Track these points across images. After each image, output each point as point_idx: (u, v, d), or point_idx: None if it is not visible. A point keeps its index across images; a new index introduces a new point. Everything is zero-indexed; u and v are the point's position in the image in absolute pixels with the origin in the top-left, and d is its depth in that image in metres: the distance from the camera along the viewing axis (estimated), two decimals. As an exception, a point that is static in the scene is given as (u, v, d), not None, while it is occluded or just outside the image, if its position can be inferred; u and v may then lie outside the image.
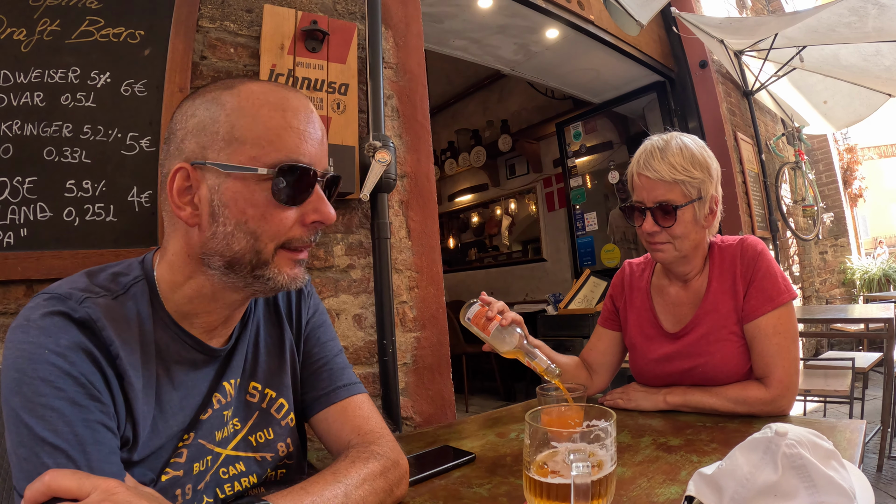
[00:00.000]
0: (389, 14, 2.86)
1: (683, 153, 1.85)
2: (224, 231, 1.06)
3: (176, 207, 1.07)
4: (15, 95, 1.83)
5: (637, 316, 2.10)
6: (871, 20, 4.64)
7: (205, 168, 1.05)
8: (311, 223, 1.11)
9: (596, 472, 0.95)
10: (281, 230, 1.07)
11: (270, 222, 1.06)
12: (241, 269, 1.07)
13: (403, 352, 2.59)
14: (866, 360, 4.49)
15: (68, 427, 0.90)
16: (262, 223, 1.06)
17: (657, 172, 1.84)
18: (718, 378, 1.84)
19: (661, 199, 1.84)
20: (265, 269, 1.08)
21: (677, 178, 1.82)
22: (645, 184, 1.88)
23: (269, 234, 1.07)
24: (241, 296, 1.15)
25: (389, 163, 2.38)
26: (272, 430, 1.29)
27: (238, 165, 1.04)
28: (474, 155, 9.89)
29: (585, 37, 5.09)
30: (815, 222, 7.92)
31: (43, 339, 0.94)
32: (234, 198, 1.05)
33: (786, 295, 1.80)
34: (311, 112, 1.14)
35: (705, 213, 1.89)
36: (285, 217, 1.07)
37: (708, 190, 1.87)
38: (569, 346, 5.64)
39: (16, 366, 0.92)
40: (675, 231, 1.85)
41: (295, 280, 1.12)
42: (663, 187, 1.84)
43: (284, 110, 1.09)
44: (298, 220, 1.09)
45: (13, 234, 1.78)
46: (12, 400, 0.91)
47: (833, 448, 0.98)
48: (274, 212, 1.06)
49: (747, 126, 6.64)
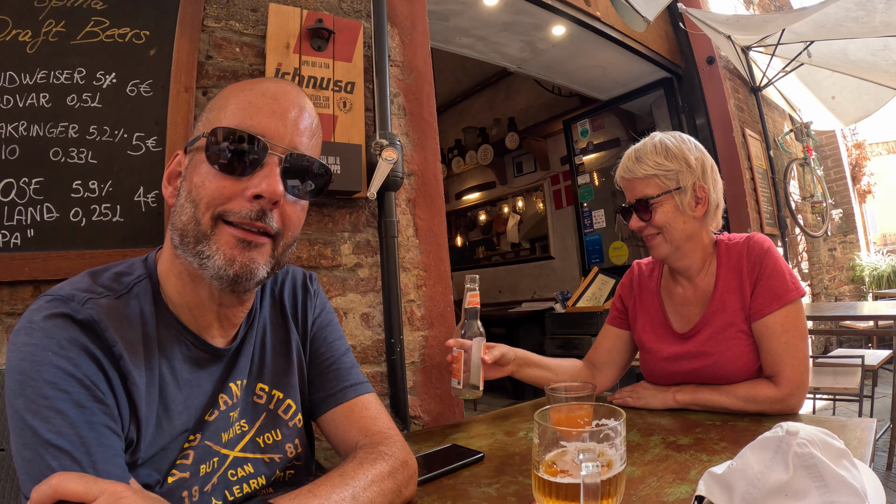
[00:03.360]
0: (395, 12, 2.86)
1: (657, 149, 1.95)
2: (180, 202, 1.09)
3: (164, 188, 1.14)
4: (21, 97, 1.83)
5: (647, 316, 2.10)
6: (878, 15, 4.62)
7: (188, 150, 1.11)
8: (253, 197, 1.05)
9: (605, 472, 0.95)
10: (216, 198, 1.05)
11: (207, 189, 1.05)
12: (188, 243, 1.06)
13: (411, 350, 2.59)
14: (876, 358, 4.47)
15: (73, 429, 0.90)
16: (200, 190, 1.06)
17: (631, 172, 1.97)
18: (728, 377, 1.84)
19: (639, 195, 1.94)
20: (205, 245, 1.05)
21: (649, 172, 1.92)
22: (626, 185, 2.01)
23: (205, 202, 1.05)
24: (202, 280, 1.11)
25: (396, 161, 2.37)
26: (280, 432, 1.29)
27: (195, 137, 1.08)
28: (481, 153, 9.89)
29: (592, 33, 5.08)
30: (823, 219, 7.88)
31: (46, 341, 0.94)
32: (191, 170, 1.08)
33: (794, 292, 1.79)
34: (285, 94, 1.14)
35: (689, 201, 1.92)
36: (223, 185, 1.05)
37: (687, 179, 1.92)
38: (577, 344, 5.64)
39: (19, 368, 0.92)
40: (657, 221, 1.92)
41: (232, 263, 1.05)
42: (640, 184, 1.95)
43: (254, 89, 1.11)
44: (241, 192, 1.06)
45: (20, 234, 1.78)
46: (16, 402, 0.91)
47: (844, 447, 0.97)
48: (213, 179, 1.06)
49: (755, 122, 6.61)
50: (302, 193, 1.15)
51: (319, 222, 2.39)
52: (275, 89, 1.13)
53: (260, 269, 1.09)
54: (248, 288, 1.11)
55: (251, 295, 1.25)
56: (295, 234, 1.18)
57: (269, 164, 1.07)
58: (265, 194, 1.05)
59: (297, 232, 1.18)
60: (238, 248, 1.06)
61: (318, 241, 2.37)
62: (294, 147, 1.11)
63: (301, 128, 1.14)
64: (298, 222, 1.17)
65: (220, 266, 1.05)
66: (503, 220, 10.01)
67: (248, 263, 1.07)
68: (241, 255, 1.06)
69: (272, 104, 1.11)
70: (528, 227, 9.48)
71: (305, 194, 1.16)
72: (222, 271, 1.05)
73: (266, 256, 1.11)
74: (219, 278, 1.06)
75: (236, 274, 1.06)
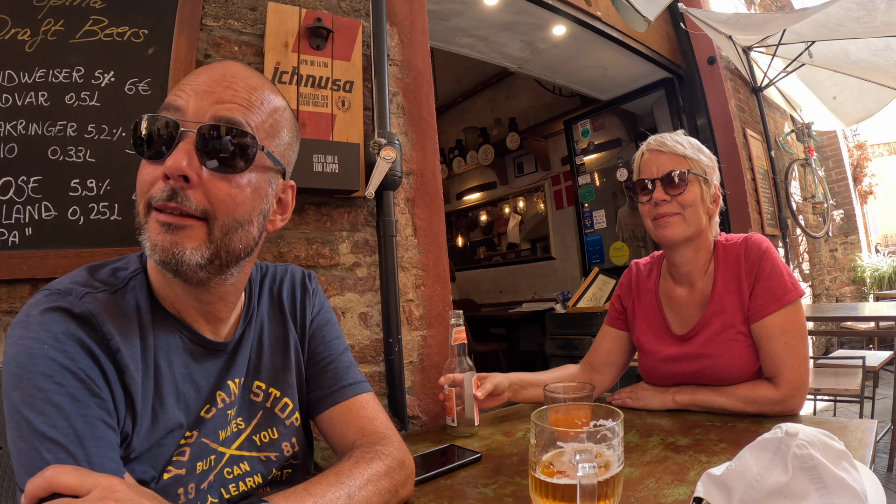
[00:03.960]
0: (394, 11, 2.86)
1: (692, 141, 1.96)
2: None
3: None
4: (19, 95, 1.83)
5: (645, 316, 2.09)
6: (879, 15, 4.62)
7: None
8: (164, 175, 0.99)
9: (602, 473, 0.95)
10: (143, 186, 1.02)
11: (139, 178, 1.03)
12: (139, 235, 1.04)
13: (410, 350, 2.59)
14: (877, 359, 4.46)
15: (68, 422, 0.90)
16: (137, 181, 1.04)
17: (669, 147, 1.93)
18: (728, 378, 1.83)
19: (671, 167, 1.89)
20: (143, 235, 1.02)
21: (688, 153, 1.91)
22: (655, 158, 1.95)
23: (139, 192, 1.03)
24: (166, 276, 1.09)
25: (395, 160, 2.37)
26: (277, 430, 1.28)
27: None
28: (482, 153, 9.90)
29: (593, 33, 5.07)
30: (824, 219, 7.87)
31: (43, 334, 0.94)
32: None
33: (793, 293, 1.79)
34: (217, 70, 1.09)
35: (710, 198, 1.93)
36: (146, 172, 1.02)
37: (712, 178, 1.93)
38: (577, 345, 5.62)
39: (16, 361, 0.92)
40: (686, 198, 1.88)
41: (155, 248, 1.00)
42: (673, 160, 1.91)
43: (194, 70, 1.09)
44: (160, 175, 1.00)
45: (18, 233, 1.78)
46: (12, 395, 0.91)
47: (844, 449, 0.96)
48: (142, 168, 1.04)
49: (756, 122, 6.61)
50: (224, 167, 1.04)
51: (317, 221, 2.39)
52: (211, 69, 1.09)
53: (189, 254, 1.01)
54: (190, 275, 1.04)
55: (226, 287, 1.17)
56: (234, 214, 1.07)
57: (180, 141, 1.01)
58: (167, 171, 0.98)
59: (237, 212, 1.07)
60: (161, 232, 1.00)
61: (317, 240, 2.37)
62: (214, 118, 1.04)
63: (225, 97, 1.06)
64: (232, 200, 1.05)
65: (150, 253, 1.01)
66: (504, 220, 10.02)
67: (171, 248, 0.99)
68: (163, 238, 0.99)
69: (196, 81, 1.07)
70: (529, 228, 9.49)
71: (230, 168, 1.04)
72: (154, 257, 1.01)
73: (197, 240, 1.02)
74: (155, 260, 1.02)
75: (161, 259, 1.00)
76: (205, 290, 1.13)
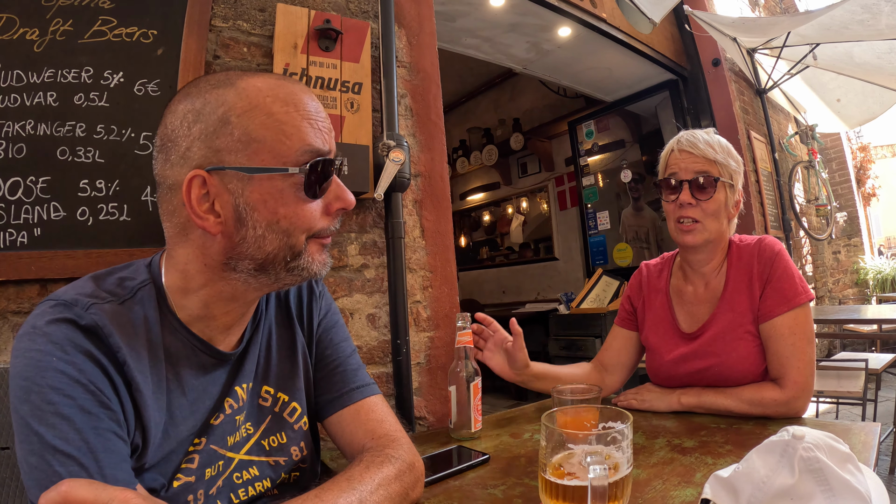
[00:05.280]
0: (402, 13, 2.86)
1: (722, 143, 1.95)
2: (255, 234, 1.05)
3: (197, 217, 1.03)
4: (28, 95, 1.83)
5: (654, 316, 2.10)
6: (884, 18, 4.63)
7: (224, 173, 1.03)
8: (336, 211, 1.13)
9: (612, 475, 0.95)
10: (312, 224, 1.09)
11: (302, 217, 1.07)
12: (275, 267, 1.08)
13: (417, 351, 2.59)
14: (879, 362, 4.47)
15: (79, 435, 0.89)
16: (294, 220, 1.06)
17: (701, 149, 1.91)
18: (734, 378, 1.83)
19: (701, 170, 1.89)
20: (299, 261, 1.09)
21: (718, 158, 1.90)
22: (685, 158, 1.93)
23: (301, 229, 1.07)
24: (264, 292, 1.19)
25: (403, 162, 2.38)
26: (285, 434, 1.28)
27: (264, 167, 1.02)
28: (486, 153, 9.90)
29: (598, 35, 5.07)
30: (828, 222, 7.87)
31: (50, 346, 0.93)
32: (262, 199, 1.04)
33: (803, 296, 1.79)
34: (315, 99, 1.14)
35: (733, 203, 1.95)
36: (313, 209, 1.09)
37: (738, 182, 1.95)
38: (581, 346, 5.63)
39: (24, 374, 0.91)
40: (709, 207, 1.89)
41: (325, 265, 1.15)
42: (704, 163, 1.90)
43: (296, 104, 1.08)
44: (323, 210, 1.11)
45: (27, 233, 1.78)
46: (21, 408, 0.90)
47: (849, 451, 0.97)
48: (304, 206, 1.07)
49: (760, 125, 6.61)
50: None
51: (326, 222, 2.39)
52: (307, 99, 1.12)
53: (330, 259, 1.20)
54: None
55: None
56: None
57: (334, 176, 1.13)
58: (347, 207, 1.15)
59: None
60: (324, 252, 1.16)
61: (325, 241, 2.37)
62: (334, 152, 1.15)
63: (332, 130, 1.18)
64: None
65: (314, 272, 1.13)
66: (507, 220, 10.02)
67: (329, 259, 1.18)
68: (327, 256, 1.17)
69: (317, 118, 1.11)
70: (533, 228, 9.48)
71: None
72: (312, 273, 1.13)
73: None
74: (304, 279, 1.15)
75: (319, 272, 1.15)
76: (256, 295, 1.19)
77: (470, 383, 1.83)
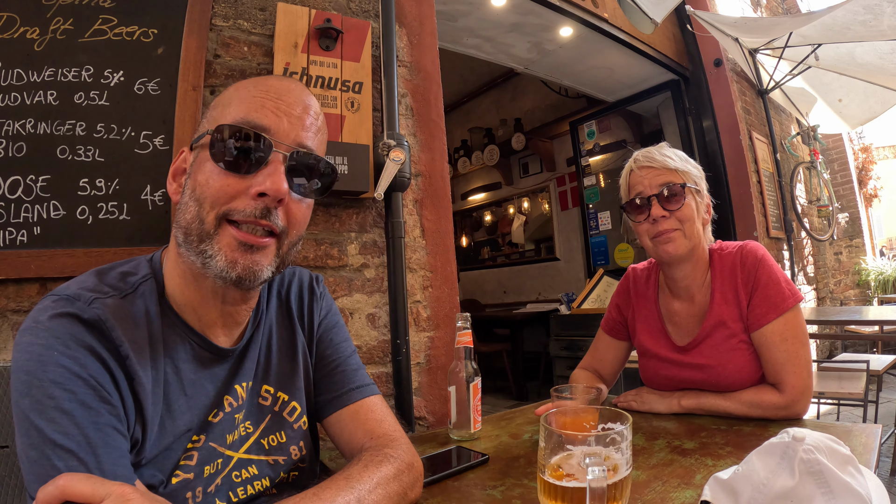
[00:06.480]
0: (403, 12, 2.86)
1: (678, 152, 1.95)
2: (184, 201, 1.08)
3: (168, 185, 1.14)
4: (28, 94, 1.83)
5: (647, 326, 2.09)
6: (886, 18, 4.62)
7: (194, 147, 1.12)
8: (257, 194, 1.04)
9: (611, 476, 0.95)
10: (220, 197, 1.04)
11: (212, 187, 1.04)
12: (191, 242, 1.05)
13: (417, 351, 2.59)
14: (881, 363, 4.46)
15: (78, 430, 0.89)
16: (205, 189, 1.05)
17: (659, 161, 1.89)
18: (732, 387, 1.82)
19: (665, 181, 1.87)
20: (207, 245, 1.04)
21: (678, 166, 1.88)
22: (646, 173, 1.91)
23: (209, 201, 1.04)
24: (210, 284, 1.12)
25: (404, 161, 2.37)
26: (285, 434, 1.28)
27: (200, 134, 1.08)
28: (487, 153, 9.91)
29: (599, 35, 5.08)
30: (829, 223, 7.86)
31: (52, 340, 0.93)
32: (196, 167, 1.08)
33: (790, 300, 1.78)
34: (290, 91, 1.13)
35: (703, 207, 1.93)
36: (227, 184, 1.04)
37: (703, 188, 1.93)
38: (581, 346, 5.62)
39: (25, 368, 0.91)
40: (684, 213, 1.86)
41: (234, 265, 1.05)
42: (666, 173, 1.88)
43: (258, 83, 1.11)
44: (245, 190, 1.05)
45: (27, 232, 1.78)
46: (22, 402, 0.90)
47: (850, 453, 0.96)
48: (217, 177, 1.05)
49: (762, 125, 6.61)
50: (307, 192, 1.14)
51: (326, 222, 2.40)
52: (280, 86, 1.13)
53: (264, 271, 1.09)
54: (252, 287, 1.11)
55: (256, 293, 1.25)
56: (300, 232, 1.17)
57: (273, 161, 1.06)
58: (269, 192, 1.04)
59: (302, 230, 1.18)
60: (239, 250, 1.05)
61: (325, 241, 2.37)
62: (299, 144, 1.10)
63: (306, 124, 1.13)
64: (304, 220, 1.17)
65: (221, 268, 1.04)
66: (508, 220, 10.03)
67: (251, 266, 1.06)
68: (243, 257, 1.05)
69: (277, 101, 1.10)
70: (534, 229, 9.49)
71: (311, 192, 1.15)
72: (224, 273, 1.05)
73: (270, 257, 1.10)
74: (222, 278, 1.06)
75: (239, 276, 1.05)
76: (239, 294, 1.17)
77: (469, 383, 1.83)
